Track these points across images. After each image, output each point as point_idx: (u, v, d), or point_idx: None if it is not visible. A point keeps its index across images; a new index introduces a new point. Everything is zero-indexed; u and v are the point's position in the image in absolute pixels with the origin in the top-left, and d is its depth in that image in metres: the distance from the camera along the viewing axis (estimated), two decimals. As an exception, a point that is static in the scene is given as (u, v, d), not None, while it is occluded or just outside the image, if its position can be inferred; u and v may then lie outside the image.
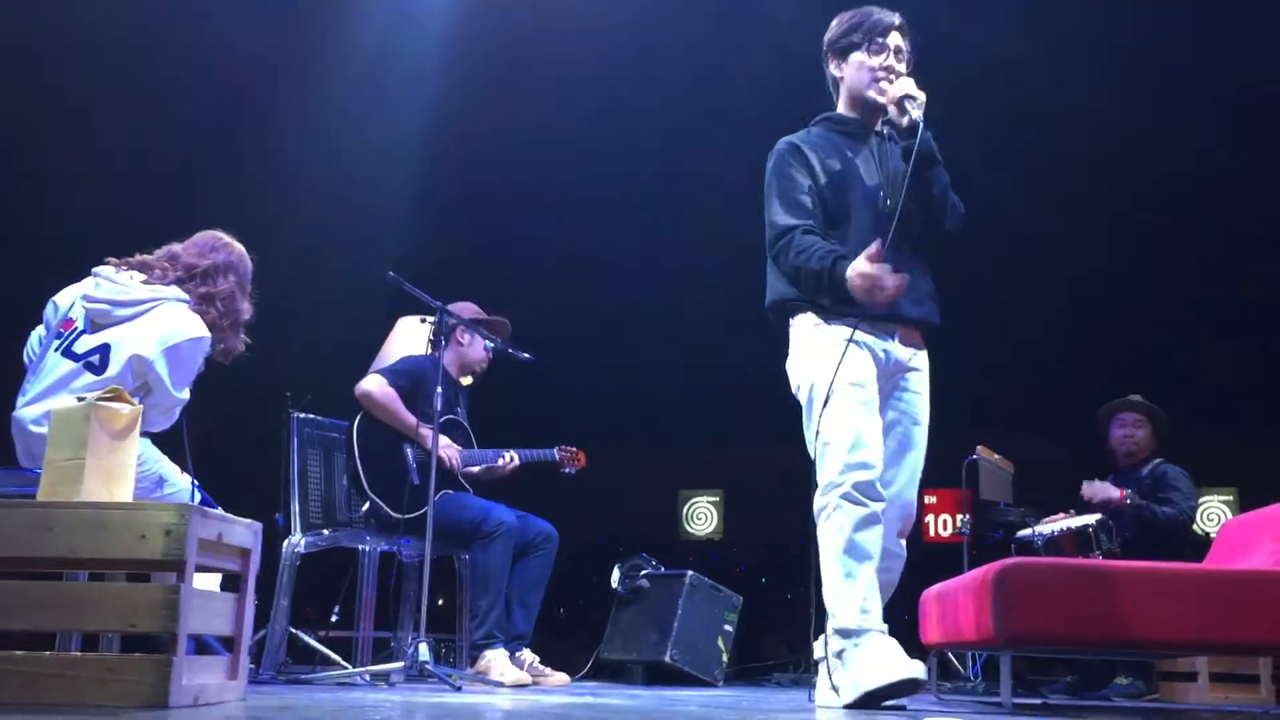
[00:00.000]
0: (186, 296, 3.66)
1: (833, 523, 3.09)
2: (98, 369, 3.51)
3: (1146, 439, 5.69)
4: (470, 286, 5.52)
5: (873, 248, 3.10)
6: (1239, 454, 10.27)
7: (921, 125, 3.25)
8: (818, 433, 3.18)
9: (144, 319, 3.56)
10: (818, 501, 3.14)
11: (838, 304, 3.24)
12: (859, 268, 3.10)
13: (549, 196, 8.67)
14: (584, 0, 7.33)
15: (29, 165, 7.44)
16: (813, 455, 3.21)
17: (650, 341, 9.63)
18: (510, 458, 5.22)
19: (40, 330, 3.73)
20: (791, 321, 3.38)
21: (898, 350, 3.35)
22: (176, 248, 3.79)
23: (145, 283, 3.63)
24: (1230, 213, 8.73)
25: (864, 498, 3.08)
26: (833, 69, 3.55)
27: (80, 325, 3.58)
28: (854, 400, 3.17)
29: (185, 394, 3.60)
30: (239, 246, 3.88)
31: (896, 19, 3.48)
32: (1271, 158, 7.85)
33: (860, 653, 3.01)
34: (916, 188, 3.26)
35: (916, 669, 2.95)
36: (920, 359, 3.43)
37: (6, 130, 7.25)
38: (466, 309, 5.16)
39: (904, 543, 3.34)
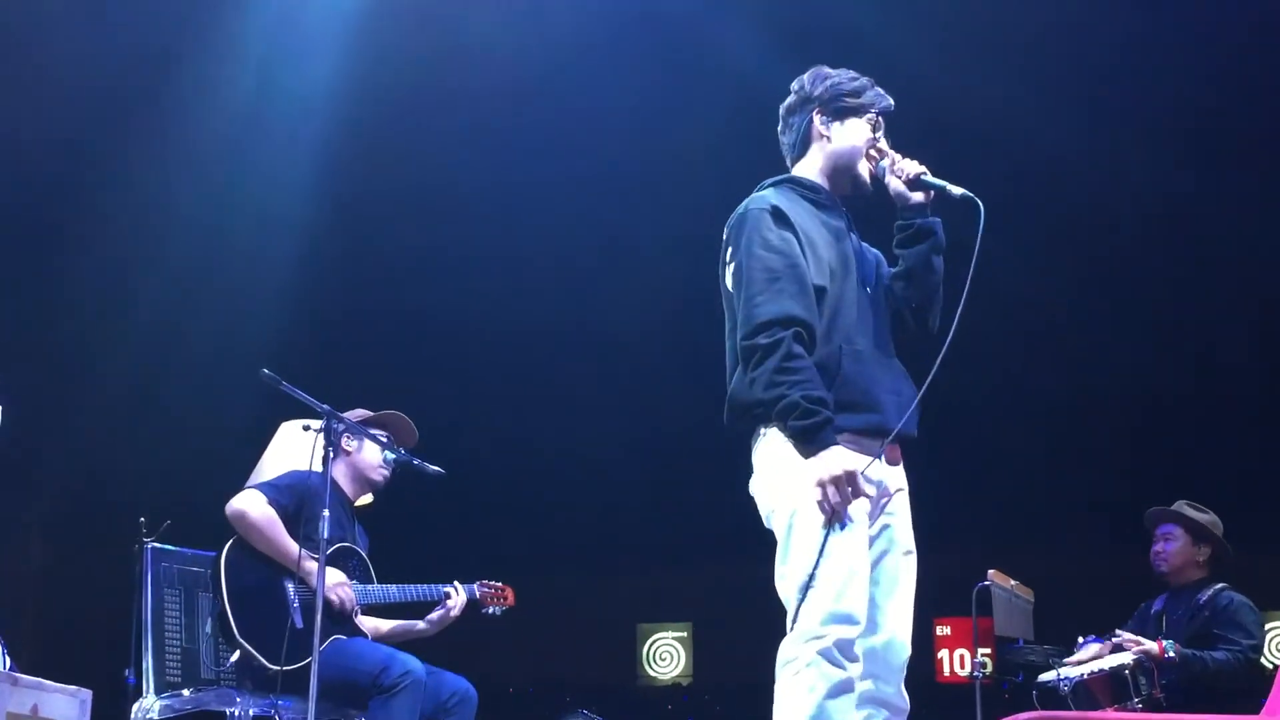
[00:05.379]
0: None
1: (803, 680, 2.76)
2: None
3: (1182, 556, 5.10)
4: (366, 384, 4.91)
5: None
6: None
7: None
8: (805, 571, 2.80)
9: None
10: (787, 649, 2.80)
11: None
12: (846, 464, 2.75)
13: (464, 274, 8.06)
14: (497, 44, 6.82)
15: None
16: (783, 595, 2.84)
17: (602, 445, 8.90)
18: (454, 593, 4.70)
19: None
20: (761, 431, 2.91)
21: (884, 471, 2.99)
22: None
23: None
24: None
25: (843, 658, 2.79)
26: (817, 123, 3.16)
27: None
28: (852, 540, 2.80)
29: None
30: None
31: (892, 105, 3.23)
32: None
33: None
34: (931, 280, 3.12)
35: None
36: (901, 476, 3.09)
37: None
38: (352, 415, 4.70)
39: (905, 692, 2.99)
